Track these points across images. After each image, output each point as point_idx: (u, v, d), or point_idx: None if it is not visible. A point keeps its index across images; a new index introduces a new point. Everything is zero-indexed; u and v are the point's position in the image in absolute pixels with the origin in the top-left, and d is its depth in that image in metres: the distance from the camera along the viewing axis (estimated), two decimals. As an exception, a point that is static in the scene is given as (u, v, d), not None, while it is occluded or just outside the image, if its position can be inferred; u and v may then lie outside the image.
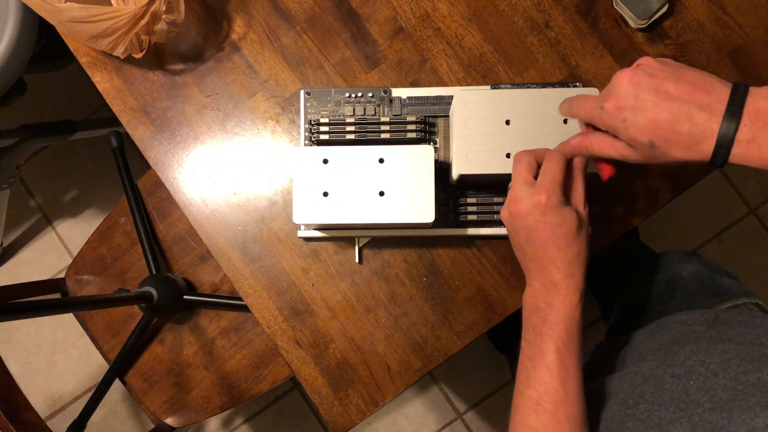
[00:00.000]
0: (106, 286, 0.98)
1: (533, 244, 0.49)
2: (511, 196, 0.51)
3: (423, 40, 0.66)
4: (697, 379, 0.46)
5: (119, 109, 0.67)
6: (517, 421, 0.48)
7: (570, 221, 0.48)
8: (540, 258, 0.49)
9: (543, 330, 0.48)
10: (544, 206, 0.48)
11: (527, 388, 0.48)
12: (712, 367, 0.46)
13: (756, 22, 0.64)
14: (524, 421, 0.47)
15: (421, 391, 1.37)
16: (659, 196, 0.64)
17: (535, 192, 0.49)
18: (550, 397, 0.46)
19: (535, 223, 0.49)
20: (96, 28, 0.59)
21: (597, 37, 0.65)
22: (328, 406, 0.63)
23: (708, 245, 1.38)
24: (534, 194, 0.49)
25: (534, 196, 0.49)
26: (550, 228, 0.48)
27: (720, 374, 0.45)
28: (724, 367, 0.45)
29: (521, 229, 0.50)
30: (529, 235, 0.49)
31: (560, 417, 0.45)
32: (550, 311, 0.48)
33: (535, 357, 0.48)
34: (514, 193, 0.50)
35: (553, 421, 0.45)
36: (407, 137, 0.62)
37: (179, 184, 0.66)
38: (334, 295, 0.64)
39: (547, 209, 0.48)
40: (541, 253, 0.49)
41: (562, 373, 0.46)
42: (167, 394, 0.96)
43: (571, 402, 0.46)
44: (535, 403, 0.46)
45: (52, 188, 1.42)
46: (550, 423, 0.46)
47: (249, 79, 0.66)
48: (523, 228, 0.50)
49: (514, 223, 0.51)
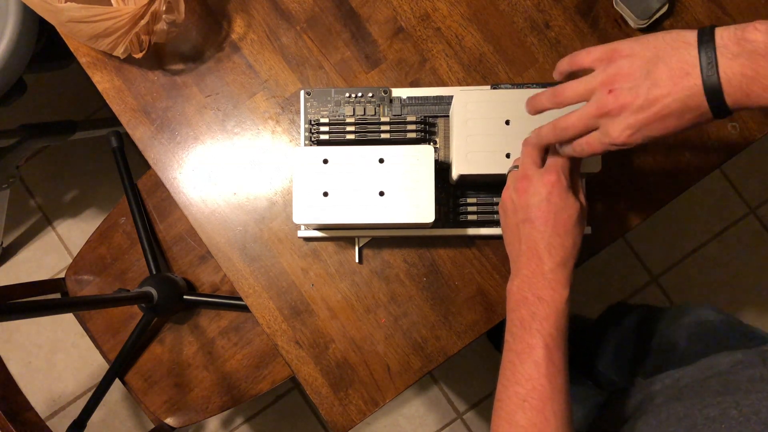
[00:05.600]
0: (106, 286, 0.98)
1: (532, 224, 0.49)
2: (518, 175, 0.50)
3: (423, 40, 0.66)
4: (729, 423, 0.44)
5: (119, 109, 0.67)
6: (503, 418, 0.47)
7: (573, 208, 0.48)
8: (535, 241, 0.48)
9: (532, 325, 0.47)
10: (553, 185, 0.48)
11: (513, 384, 0.47)
12: (746, 410, 0.44)
13: (756, 22, 0.64)
14: (511, 418, 0.46)
15: (421, 391, 1.36)
16: (660, 195, 0.64)
17: (545, 171, 0.49)
18: (538, 393, 0.45)
19: (539, 203, 0.48)
20: (96, 28, 0.59)
21: (597, 37, 0.65)
22: (328, 406, 0.63)
23: (708, 245, 1.38)
24: (544, 174, 0.49)
25: (544, 176, 0.48)
26: (554, 210, 0.48)
27: (752, 418, 0.43)
28: (756, 410, 0.44)
29: (522, 207, 0.49)
30: (530, 215, 0.49)
31: (547, 414, 0.45)
32: (540, 305, 0.47)
33: (522, 352, 0.47)
34: (522, 171, 0.50)
35: (540, 418, 0.45)
36: (407, 137, 0.62)
37: (179, 184, 0.66)
38: (334, 295, 0.64)
39: (555, 189, 0.48)
40: (538, 235, 0.48)
41: (551, 370, 0.46)
42: (167, 394, 0.96)
43: (558, 399, 0.45)
44: (521, 400, 0.46)
45: (52, 188, 1.42)
46: (537, 420, 0.45)
47: (249, 79, 0.66)
48: (525, 207, 0.49)
49: (516, 200, 0.50)
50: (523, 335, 0.47)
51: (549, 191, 0.48)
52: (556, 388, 0.45)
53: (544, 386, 0.45)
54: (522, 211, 0.49)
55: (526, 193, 0.49)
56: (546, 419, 0.45)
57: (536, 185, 0.49)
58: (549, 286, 0.47)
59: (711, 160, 0.64)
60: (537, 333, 0.47)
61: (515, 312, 0.49)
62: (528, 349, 0.47)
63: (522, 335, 0.47)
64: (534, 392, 0.45)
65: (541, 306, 0.47)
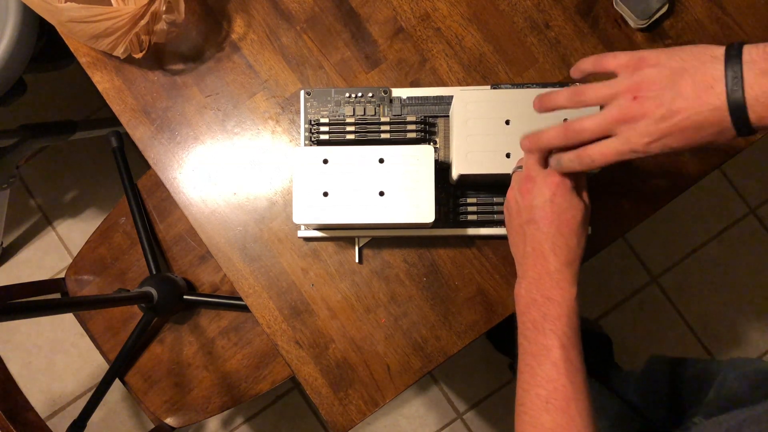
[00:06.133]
0: (106, 286, 0.98)
1: (536, 225, 0.49)
2: (522, 176, 0.50)
3: (423, 40, 0.66)
4: None
5: (119, 109, 0.67)
6: (527, 422, 0.46)
7: (577, 209, 0.48)
8: (540, 242, 0.48)
9: (544, 326, 0.47)
10: (557, 186, 0.48)
11: (534, 386, 0.46)
12: None
13: (756, 22, 0.64)
14: (535, 421, 0.46)
15: (421, 391, 1.36)
16: (660, 195, 0.64)
17: (549, 172, 0.49)
18: (560, 393, 0.45)
19: (543, 203, 0.48)
20: (96, 28, 0.59)
21: (597, 37, 0.65)
22: (328, 406, 0.63)
23: (708, 245, 1.38)
24: (548, 175, 0.49)
25: (548, 177, 0.49)
26: (558, 211, 0.48)
27: None
28: None
29: (527, 208, 0.49)
30: (534, 216, 0.49)
31: (572, 413, 0.45)
32: (550, 305, 0.47)
33: (539, 354, 0.47)
34: (526, 172, 0.50)
35: (565, 418, 0.44)
36: (407, 137, 0.62)
37: (179, 184, 0.66)
38: (334, 295, 0.64)
39: (559, 190, 0.48)
40: (542, 236, 0.48)
41: (569, 369, 0.45)
42: (167, 394, 0.96)
43: (580, 397, 0.45)
44: (544, 402, 0.45)
45: (52, 188, 1.42)
46: (562, 420, 0.44)
47: (249, 79, 0.66)
48: (529, 208, 0.49)
49: (521, 202, 0.50)
50: (537, 337, 0.47)
51: (553, 192, 0.48)
52: (577, 387, 0.45)
53: (566, 386, 0.45)
54: (526, 212, 0.49)
55: (530, 194, 0.49)
56: (571, 418, 0.44)
57: (540, 186, 0.49)
58: (557, 286, 0.47)
59: (711, 160, 0.64)
60: (551, 333, 0.46)
61: (526, 315, 0.49)
62: (544, 351, 0.46)
63: (536, 337, 0.47)
64: (556, 393, 0.45)
65: (552, 306, 0.47)
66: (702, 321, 1.36)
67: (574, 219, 0.48)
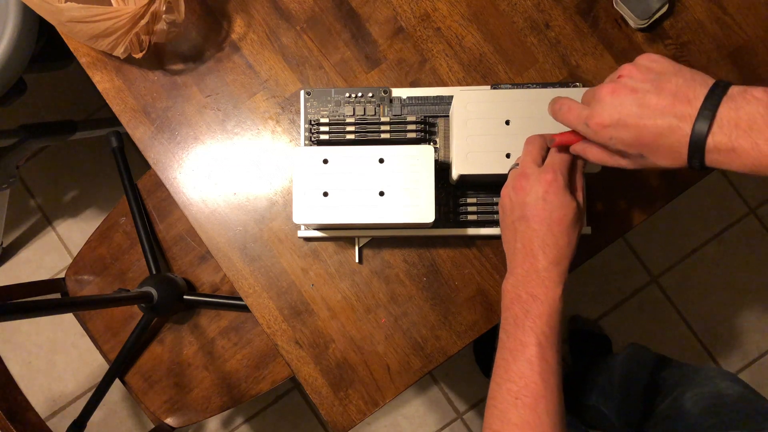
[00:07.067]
0: (106, 286, 0.98)
1: (527, 222, 0.49)
2: (517, 172, 0.51)
3: (423, 40, 0.66)
4: None
5: (119, 109, 0.67)
6: (496, 416, 0.47)
7: (569, 208, 0.48)
8: (530, 239, 0.49)
9: (525, 322, 0.47)
10: (549, 184, 0.48)
11: (506, 381, 0.47)
12: None
13: (756, 22, 0.64)
14: (504, 416, 0.46)
15: (421, 391, 1.37)
16: (659, 195, 0.64)
17: (542, 170, 0.49)
18: (531, 391, 0.45)
19: (535, 200, 0.48)
20: (96, 28, 0.59)
21: (597, 37, 0.65)
22: (328, 406, 0.63)
23: (708, 245, 1.38)
24: (542, 172, 0.49)
25: (541, 174, 0.49)
26: (549, 209, 0.48)
27: None
28: None
29: (519, 205, 0.50)
30: (525, 213, 0.49)
31: (540, 411, 0.45)
32: (533, 303, 0.47)
33: (515, 350, 0.47)
34: (521, 169, 0.50)
35: (533, 416, 0.45)
36: (407, 137, 0.62)
37: (179, 184, 0.66)
38: (334, 295, 0.64)
39: (551, 188, 0.48)
40: (532, 234, 0.48)
41: (543, 367, 0.46)
42: (167, 394, 0.96)
43: (551, 397, 0.45)
44: (514, 397, 0.46)
45: (52, 188, 1.42)
46: (529, 417, 0.45)
47: (249, 79, 0.66)
48: (521, 205, 0.49)
49: (514, 198, 0.50)
50: (516, 333, 0.48)
51: (545, 190, 0.48)
52: (549, 386, 0.45)
53: (537, 384, 0.45)
54: (518, 209, 0.50)
55: (523, 192, 0.49)
56: (538, 417, 0.45)
57: (533, 184, 0.49)
58: (542, 284, 0.47)
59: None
60: (530, 331, 0.47)
61: (509, 310, 0.49)
62: (521, 347, 0.47)
63: (515, 333, 0.48)
64: (527, 389, 0.45)
65: (535, 304, 0.47)
66: (702, 321, 1.36)
67: (565, 218, 0.48)
